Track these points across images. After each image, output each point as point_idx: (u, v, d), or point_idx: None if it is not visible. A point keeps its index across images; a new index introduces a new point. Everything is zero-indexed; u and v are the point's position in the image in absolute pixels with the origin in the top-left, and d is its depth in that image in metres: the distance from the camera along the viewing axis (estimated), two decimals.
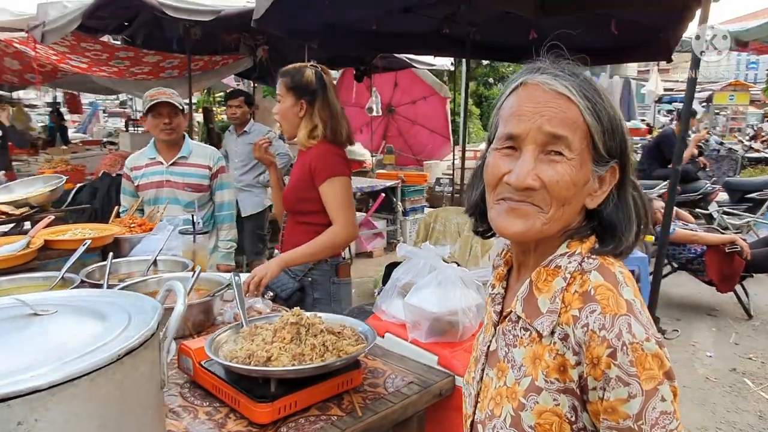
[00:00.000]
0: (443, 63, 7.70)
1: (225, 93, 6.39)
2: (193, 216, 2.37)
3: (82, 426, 0.75)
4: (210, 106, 12.25)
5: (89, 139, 11.90)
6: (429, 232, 3.99)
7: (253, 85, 8.07)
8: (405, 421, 1.41)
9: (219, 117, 11.81)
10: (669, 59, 4.09)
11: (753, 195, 6.75)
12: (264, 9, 3.56)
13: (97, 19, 5.64)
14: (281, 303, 2.21)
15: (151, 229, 2.57)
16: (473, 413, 1.03)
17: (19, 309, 0.90)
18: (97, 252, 2.37)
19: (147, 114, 2.90)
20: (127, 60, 6.20)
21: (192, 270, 2.16)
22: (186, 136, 3.09)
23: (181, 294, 0.99)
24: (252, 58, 6.45)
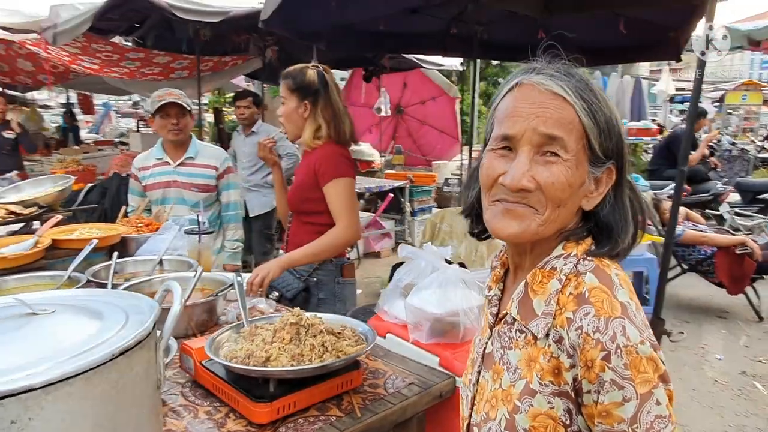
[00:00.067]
0: (452, 63, 7.68)
1: (234, 93, 6.42)
2: (198, 216, 2.38)
3: (76, 425, 0.76)
4: (220, 106, 12.32)
5: (101, 140, 12.00)
6: (435, 232, 3.99)
7: (263, 86, 8.10)
8: (405, 422, 1.41)
9: (229, 117, 11.86)
10: (678, 59, 4.05)
11: (765, 196, 6.67)
12: (271, 10, 3.58)
13: (108, 21, 5.71)
14: (286, 303, 2.22)
15: (158, 229, 2.59)
16: (469, 416, 1.03)
17: (18, 308, 0.92)
18: (104, 251, 2.38)
19: (155, 115, 2.93)
20: (138, 61, 6.27)
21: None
22: (193, 136, 3.11)
23: (178, 294, 1.00)
24: (261, 58, 6.48)
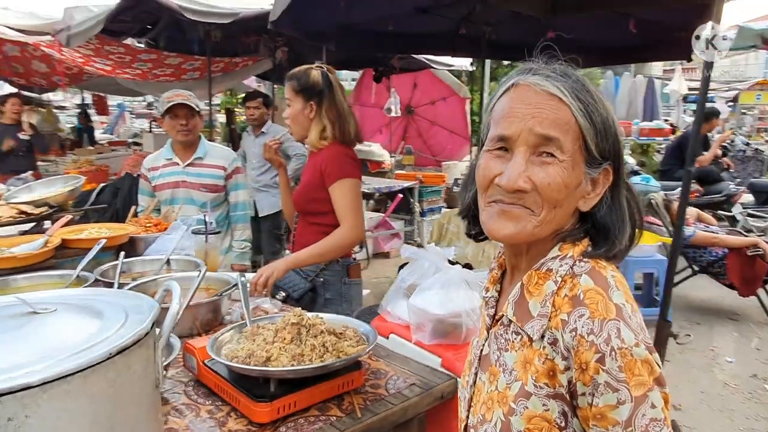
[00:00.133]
0: (462, 63, 7.67)
1: (244, 94, 6.46)
2: (205, 216, 2.40)
3: (73, 422, 0.77)
4: (232, 107, 12.39)
5: (115, 140, 12.12)
6: (443, 233, 3.98)
7: (273, 87, 8.14)
8: (405, 423, 1.41)
9: (240, 118, 11.94)
10: (689, 58, 4.01)
11: None
12: (280, 11, 3.60)
13: (121, 23, 5.78)
14: (293, 303, 2.22)
15: (166, 229, 2.61)
16: (467, 417, 1.03)
17: (20, 308, 0.93)
18: (113, 251, 2.41)
19: (164, 115, 2.96)
20: (150, 62, 6.33)
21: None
22: (202, 137, 3.14)
23: (177, 294, 1.01)
24: (271, 59, 6.51)
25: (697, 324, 4.59)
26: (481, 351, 1.00)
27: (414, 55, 6.63)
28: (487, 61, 5.41)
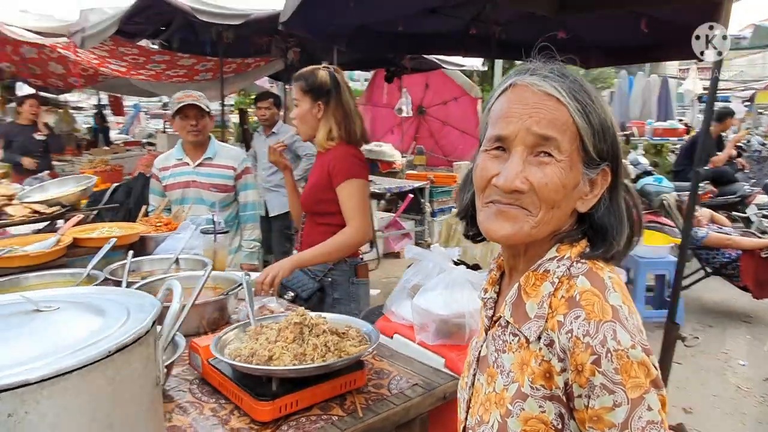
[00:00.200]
0: (473, 63, 7.64)
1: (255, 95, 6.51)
2: (214, 216, 2.42)
3: (72, 419, 0.78)
4: (245, 107, 12.47)
5: (130, 140, 12.26)
6: (451, 233, 3.96)
7: (285, 87, 8.18)
8: (407, 423, 1.41)
9: (253, 118, 12.00)
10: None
11: None
12: (291, 11, 3.61)
13: (135, 25, 5.84)
14: (301, 303, 2.24)
15: (176, 229, 2.63)
16: (465, 419, 1.03)
17: (24, 305, 0.95)
18: (123, 250, 2.44)
19: (175, 116, 2.99)
20: (163, 63, 6.39)
21: (212, 268, 2.22)
22: (212, 137, 3.16)
23: (178, 293, 1.02)
24: (283, 60, 6.53)
25: (710, 327, 4.53)
26: (480, 352, 1.00)
27: (425, 56, 6.62)
28: (499, 61, 5.39)
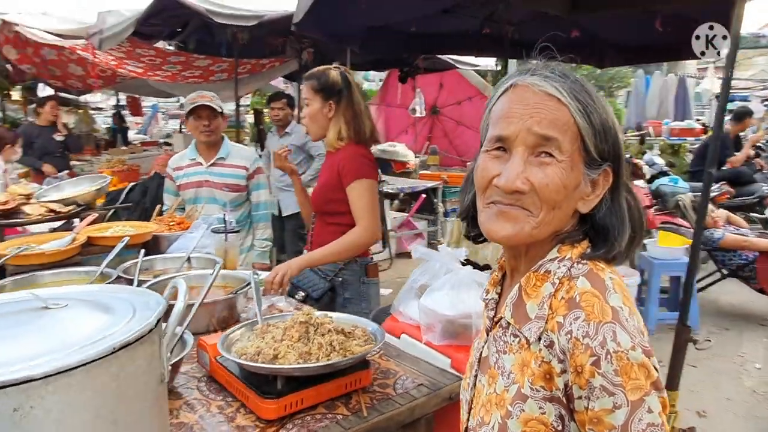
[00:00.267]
0: (487, 63, 7.60)
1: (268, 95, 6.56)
2: (225, 215, 2.44)
3: (77, 414, 0.80)
4: (261, 107, 12.55)
5: (148, 140, 12.41)
6: (462, 233, 3.94)
7: (299, 87, 8.22)
8: (412, 423, 1.41)
9: (268, 119, 12.08)
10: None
11: None
12: (303, 13, 3.63)
13: (151, 26, 5.91)
14: (312, 303, 2.25)
15: (189, 228, 2.67)
16: (467, 420, 1.03)
17: (33, 303, 0.97)
18: (137, 248, 2.47)
19: (188, 116, 3.03)
20: (179, 64, 6.47)
21: (223, 267, 2.24)
22: (225, 137, 3.20)
23: (183, 292, 1.04)
24: (297, 60, 6.57)
25: (726, 329, 4.46)
26: (481, 353, 1.00)
27: (439, 56, 6.61)
28: (513, 61, 5.35)
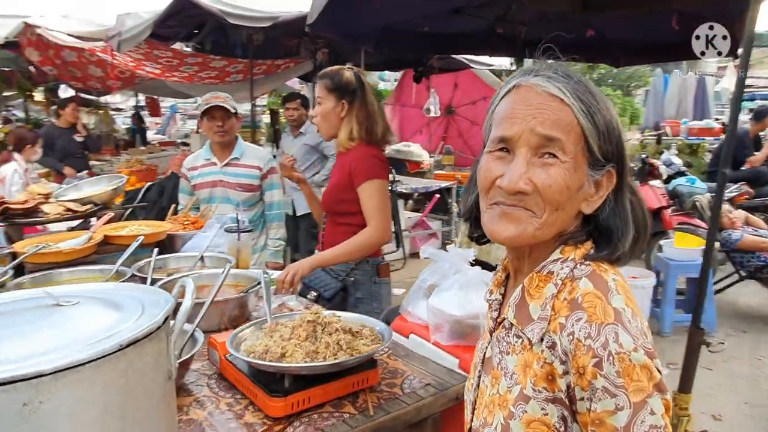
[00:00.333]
0: (502, 63, 7.57)
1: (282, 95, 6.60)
2: (238, 215, 2.47)
3: (85, 409, 0.81)
4: (276, 108, 12.64)
5: (166, 140, 12.57)
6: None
7: (314, 88, 8.26)
8: (419, 423, 1.42)
9: (284, 119, 12.15)
10: (735, 55, 3.83)
11: None
12: (317, 13, 3.64)
13: (169, 28, 5.98)
14: (324, 303, 2.26)
15: (203, 227, 2.70)
16: (471, 420, 1.03)
17: (45, 300, 0.99)
18: (152, 247, 2.51)
19: (202, 117, 3.07)
20: (196, 65, 6.55)
21: (235, 266, 2.27)
22: (239, 137, 3.23)
23: (190, 290, 1.05)
24: (312, 61, 6.60)
25: (744, 332, 4.38)
26: (485, 354, 1.00)
27: (454, 56, 6.59)
28: (528, 60, 5.32)
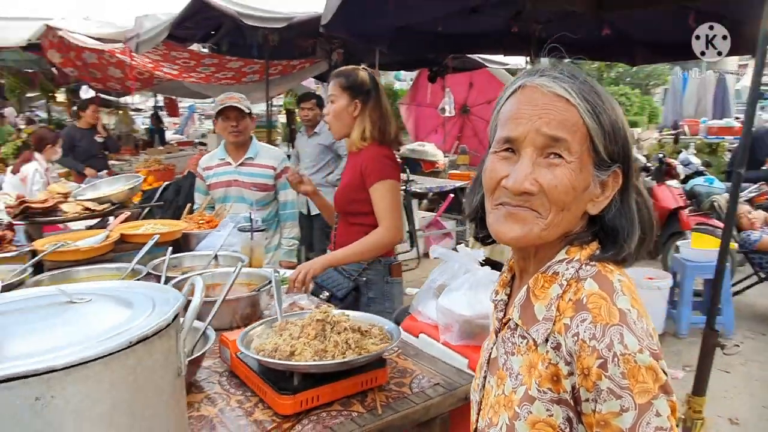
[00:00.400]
0: (517, 62, 7.51)
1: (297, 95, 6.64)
2: (251, 214, 2.49)
3: (95, 404, 0.83)
4: (293, 108, 12.71)
5: (184, 140, 12.72)
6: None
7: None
8: (428, 422, 1.42)
9: (299, 118, 12.21)
10: (754, 53, 3.76)
11: None
12: (331, 14, 3.67)
13: (186, 30, 6.06)
14: (337, 302, 2.27)
15: (217, 226, 2.73)
16: (476, 420, 1.03)
17: (59, 297, 1.02)
18: (167, 246, 2.55)
19: (217, 117, 3.10)
20: (212, 66, 6.62)
21: (249, 265, 2.29)
22: (254, 137, 3.26)
23: (199, 288, 1.07)
24: (327, 61, 6.63)
25: (762, 334, 4.30)
26: (490, 354, 1.00)
27: (468, 55, 6.57)
28: (544, 59, 5.28)
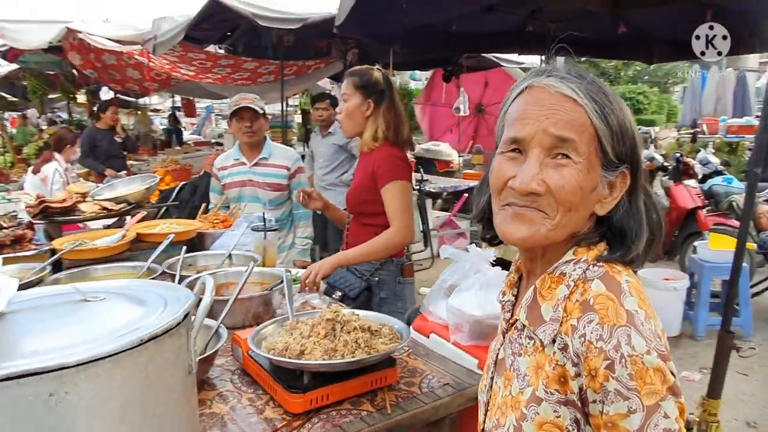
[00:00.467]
0: (533, 61, 7.46)
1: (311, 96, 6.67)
2: (264, 214, 2.51)
3: (108, 401, 0.85)
4: (308, 108, 12.77)
5: (201, 140, 12.86)
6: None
7: None
8: (437, 422, 1.42)
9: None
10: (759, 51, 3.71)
11: None
12: (344, 15, 3.68)
13: (202, 31, 6.13)
14: (349, 302, 2.29)
15: (231, 226, 2.76)
16: (483, 421, 1.03)
17: (74, 295, 1.04)
18: (182, 245, 2.58)
19: (231, 118, 3.13)
20: (228, 67, 6.67)
21: (262, 264, 2.32)
22: (267, 138, 3.28)
23: (210, 288, 1.09)
24: (342, 62, 6.65)
25: None
26: (497, 355, 1.01)
27: (483, 54, 6.55)
28: (560, 58, 5.23)
